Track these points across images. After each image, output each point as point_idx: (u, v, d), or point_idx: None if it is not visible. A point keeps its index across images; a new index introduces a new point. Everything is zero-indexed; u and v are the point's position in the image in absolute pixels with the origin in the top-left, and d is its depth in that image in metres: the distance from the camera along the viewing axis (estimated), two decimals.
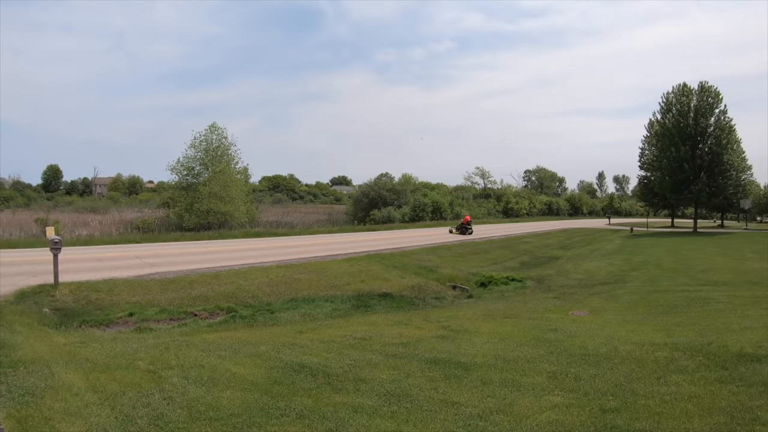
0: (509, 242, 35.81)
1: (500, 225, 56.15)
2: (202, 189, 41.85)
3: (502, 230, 46.12)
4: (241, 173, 48.93)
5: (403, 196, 61.52)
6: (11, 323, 10.89)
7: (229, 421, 5.92)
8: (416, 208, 57.33)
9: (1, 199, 77.31)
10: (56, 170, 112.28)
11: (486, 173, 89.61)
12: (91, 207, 64.83)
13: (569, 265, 26.24)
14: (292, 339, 10.47)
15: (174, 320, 13.65)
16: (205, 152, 44.02)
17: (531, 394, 6.46)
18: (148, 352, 9.16)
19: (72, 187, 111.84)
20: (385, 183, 65.56)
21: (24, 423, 5.90)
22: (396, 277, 20.25)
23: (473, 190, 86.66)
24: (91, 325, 12.75)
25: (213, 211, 41.24)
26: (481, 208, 74.10)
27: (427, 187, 79.24)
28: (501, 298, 17.82)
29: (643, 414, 5.58)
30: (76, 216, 50.06)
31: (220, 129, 44.93)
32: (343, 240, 33.51)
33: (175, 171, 44.40)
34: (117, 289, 15.58)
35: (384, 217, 54.71)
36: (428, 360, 8.30)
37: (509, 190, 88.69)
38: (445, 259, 25.95)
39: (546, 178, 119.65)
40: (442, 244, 31.63)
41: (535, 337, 9.90)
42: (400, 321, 12.68)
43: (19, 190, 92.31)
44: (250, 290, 16.75)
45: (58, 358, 8.66)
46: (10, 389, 6.95)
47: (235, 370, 7.99)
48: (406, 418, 5.85)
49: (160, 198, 58.26)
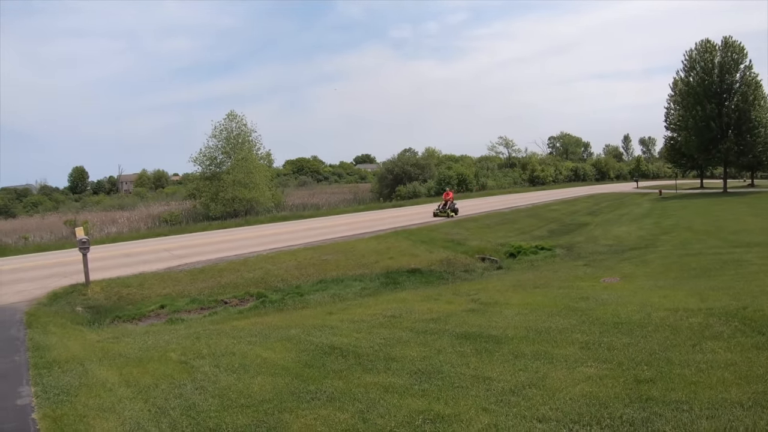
0: (536, 211, 35.36)
1: (526, 194, 55.44)
2: (225, 177, 41.90)
3: (529, 199, 45.59)
4: (264, 158, 48.90)
5: (428, 171, 60.90)
6: (45, 325, 11.14)
7: (261, 407, 5.98)
8: (441, 181, 56.63)
9: (30, 205, 78.49)
10: (82, 171, 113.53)
11: (510, 142, 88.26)
12: (118, 204, 65.38)
13: (598, 231, 25.91)
14: (321, 321, 10.52)
15: (205, 309, 13.85)
16: (226, 141, 43.95)
17: (564, 366, 6.39)
18: (179, 343, 9.32)
19: (98, 186, 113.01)
20: (408, 158, 64.85)
21: (59, 422, 6.03)
22: (424, 252, 20.20)
23: (498, 160, 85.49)
24: (123, 320, 12.99)
25: (238, 199, 41.31)
26: (507, 178, 73.25)
27: (452, 159, 78.52)
28: (530, 268, 17.66)
29: (679, 384, 5.46)
30: (104, 214, 50.66)
31: (239, 117, 44.78)
32: (370, 218, 33.47)
33: (198, 162, 44.49)
34: (147, 282, 15.81)
35: (410, 192, 54.35)
36: (459, 335, 8.26)
37: (534, 158, 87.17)
38: (472, 231, 25.77)
39: (571, 144, 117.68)
40: (468, 216, 31.39)
41: (566, 306, 9.76)
42: (429, 296, 12.65)
43: (46, 194, 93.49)
44: (278, 274, 16.86)
45: (92, 355, 8.84)
46: (46, 389, 7.12)
47: (265, 355, 8.07)
48: (437, 395, 5.83)
49: (186, 190, 58.52)
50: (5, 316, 12.18)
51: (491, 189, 61.78)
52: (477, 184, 61.36)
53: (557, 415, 5.03)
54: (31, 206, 77.52)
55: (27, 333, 10.50)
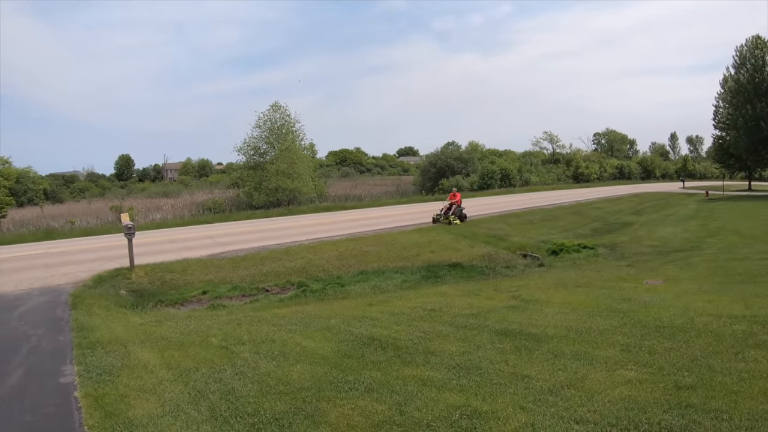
0: (580, 208, 34.76)
1: (570, 191, 54.52)
2: (269, 167, 42.42)
3: (572, 196, 44.80)
4: (308, 149, 49.38)
5: (471, 165, 60.55)
6: (90, 306, 11.42)
7: (299, 395, 6.01)
8: (484, 175, 56.39)
9: (77, 191, 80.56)
10: (128, 159, 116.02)
11: (554, 137, 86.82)
12: (163, 192, 66.73)
13: (642, 231, 25.32)
14: (362, 312, 10.53)
15: (246, 296, 14.00)
16: (270, 131, 44.48)
17: (603, 368, 6.28)
18: (220, 329, 9.45)
19: (144, 174, 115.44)
20: (452, 152, 64.52)
21: (101, 401, 6.17)
22: (466, 247, 20.05)
23: (542, 155, 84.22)
24: (166, 304, 13.24)
25: (281, 188, 41.78)
26: (551, 174, 72.31)
27: (495, 154, 77.84)
28: (572, 267, 17.36)
29: (720, 392, 5.31)
30: (149, 201, 51.82)
31: (283, 107, 45.35)
32: (412, 210, 33.42)
33: (242, 152, 45.27)
34: (190, 268, 16.09)
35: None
36: (498, 331, 8.18)
37: (578, 154, 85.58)
38: (514, 226, 25.51)
39: (616, 141, 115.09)
40: (511, 211, 31.07)
41: (608, 307, 9.59)
42: (470, 291, 12.54)
43: (93, 180, 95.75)
44: (320, 264, 16.95)
45: (134, 337, 9.03)
46: (88, 369, 7.30)
47: (305, 344, 8.12)
48: (475, 391, 5.79)
49: (230, 179, 59.54)
50: (51, 297, 12.54)
51: (534, 185, 61.06)
52: (520, 180, 60.72)
53: (595, 417, 4.97)
54: (78, 192, 79.60)
55: (72, 314, 10.79)
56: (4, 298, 12.62)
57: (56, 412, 6.07)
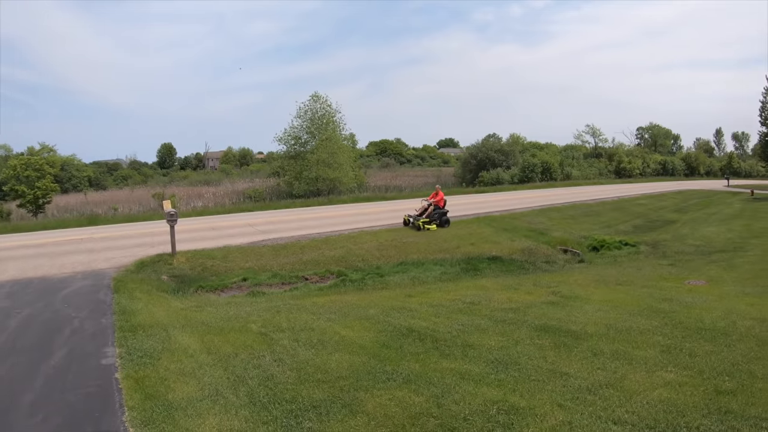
0: (622, 204, 33.94)
1: (612, 186, 53.12)
2: (310, 157, 42.65)
3: (615, 191, 43.67)
4: (348, 139, 49.52)
5: (512, 157, 59.64)
6: (132, 291, 11.67)
7: (337, 383, 6.07)
8: (525, 168, 55.48)
9: (120, 178, 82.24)
10: (170, 148, 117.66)
11: (597, 131, 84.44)
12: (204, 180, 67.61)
13: (685, 229, 24.60)
14: (401, 303, 10.55)
15: (285, 284, 14.12)
16: (311, 121, 44.71)
17: (643, 368, 6.23)
18: (260, 315, 9.57)
19: (185, 162, 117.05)
20: (492, 144, 63.64)
21: (141, 383, 6.30)
22: (506, 240, 19.86)
23: (583, 149, 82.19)
24: (206, 290, 13.45)
25: (322, 178, 41.97)
26: (592, 168, 70.66)
27: (536, 147, 76.66)
28: (613, 264, 17.02)
29: (761, 399, 5.22)
30: (191, 189, 52.60)
31: (323, 98, 45.51)
32: (453, 202, 32.99)
33: (282, 141, 45.61)
34: (231, 255, 16.29)
35: (493, 178, 53.42)
36: (537, 327, 8.15)
37: (621, 148, 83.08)
38: (555, 221, 25.10)
39: (660, 136, 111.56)
40: (551, 205, 30.51)
41: (648, 306, 9.44)
42: (509, 285, 12.45)
43: (135, 168, 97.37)
44: (359, 254, 16.99)
45: (175, 322, 9.19)
46: (129, 351, 7.47)
47: (344, 333, 8.17)
48: (513, 387, 5.79)
49: (270, 168, 59.87)
50: (94, 281, 12.86)
51: (576, 179, 59.76)
52: (561, 174, 59.68)
53: (633, 418, 4.95)
54: (121, 179, 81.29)
55: (114, 297, 11.05)
56: (48, 281, 12.98)
57: (97, 392, 6.23)
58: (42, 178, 35.87)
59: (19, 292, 11.97)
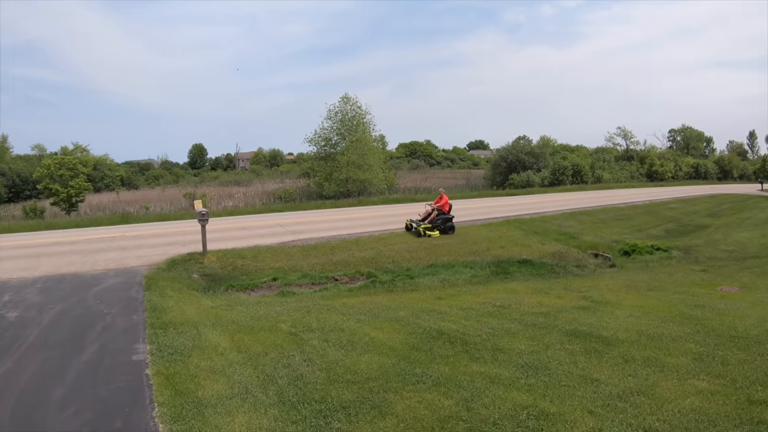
0: (654, 208, 33.42)
1: (644, 189, 52.26)
2: (340, 158, 42.99)
3: (646, 195, 42.96)
4: (378, 141, 49.78)
5: (542, 160, 59.20)
6: (163, 288, 11.79)
7: (366, 384, 6.06)
8: (556, 171, 55.03)
9: (152, 178, 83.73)
10: (201, 148, 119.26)
11: (628, 133, 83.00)
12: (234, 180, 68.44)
13: (718, 234, 24.11)
14: (430, 305, 10.52)
15: (315, 285, 14.14)
16: (341, 123, 45.14)
17: (674, 376, 6.15)
18: (290, 315, 9.60)
19: (216, 163, 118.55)
20: (523, 146, 63.20)
21: (171, 379, 6.35)
22: (536, 243, 19.67)
23: (615, 151, 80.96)
24: (236, 289, 13.52)
25: (352, 179, 42.23)
26: (624, 171, 69.71)
27: (567, 149, 76.17)
28: (645, 269, 16.77)
29: None
30: (221, 189, 53.26)
31: (353, 99, 45.93)
32: (482, 205, 33.05)
33: (313, 142, 46.18)
34: (261, 255, 16.38)
35: (523, 181, 53.08)
36: (568, 332, 8.08)
37: (653, 151, 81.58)
38: (586, 225, 24.82)
39: (692, 138, 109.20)
40: (582, 209, 30.17)
41: (680, 313, 9.31)
42: (539, 289, 12.36)
43: (167, 168, 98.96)
44: (389, 255, 16.96)
45: (206, 320, 9.26)
46: (160, 348, 7.54)
47: (373, 334, 8.16)
48: (543, 392, 5.75)
49: (300, 169, 60.41)
50: (126, 278, 13.04)
51: (607, 182, 59.09)
52: (592, 177, 59.00)
53: (664, 427, 4.89)
54: (152, 179, 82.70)
55: (145, 295, 11.18)
56: (81, 278, 13.19)
57: (128, 387, 6.29)
58: (75, 177, 36.63)
59: (52, 287, 12.18)
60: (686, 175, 78.71)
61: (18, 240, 20.90)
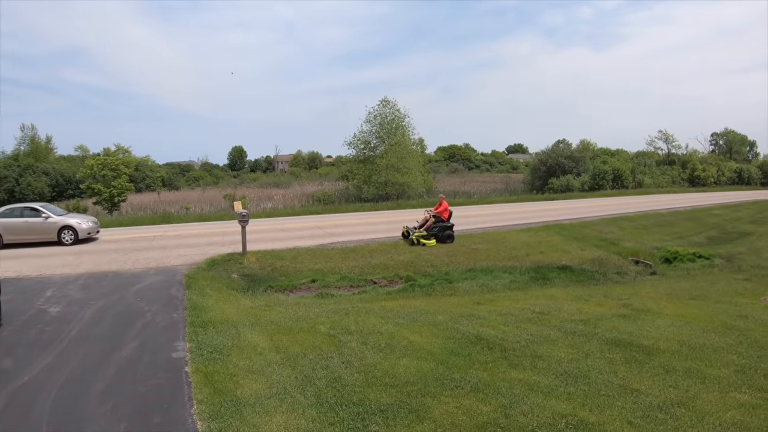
0: (696, 214, 32.61)
1: (685, 194, 51.02)
2: (379, 161, 43.08)
3: (688, 200, 41.91)
4: (417, 144, 49.77)
5: (582, 164, 58.29)
6: (203, 288, 11.93)
7: (404, 388, 6.04)
8: (596, 176, 54.16)
9: (192, 179, 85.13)
10: (241, 151, 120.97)
11: (670, 137, 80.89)
12: (274, 182, 69.23)
13: (762, 242, 23.37)
14: (469, 310, 10.43)
15: (354, 287, 14.16)
16: (380, 126, 45.29)
17: (716, 388, 6.03)
18: (328, 317, 9.63)
19: (256, 165, 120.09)
20: (562, 150, 62.34)
21: (210, 378, 6.41)
22: (576, 249, 19.39)
23: (656, 156, 79.14)
24: (275, 290, 13.62)
25: (390, 182, 42.26)
26: (665, 176, 68.14)
27: (607, 153, 74.84)
28: (686, 277, 16.41)
29: None
30: (261, 191, 53.92)
31: (392, 102, 45.99)
32: (521, 209, 32.78)
33: (352, 145, 46.43)
34: (300, 257, 16.48)
35: (562, 185, 52.42)
36: (608, 340, 7.96)
37: (695, 155, 79.77)
38: (626, 231, 24.35)
39: (735, 142, 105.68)
40: (623, 214, 29.61)
41: (722, 323, 9.12)
42: (579, 296, 12.18)
43: (207, 170, 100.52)
44: (428, 259, 16.89)
45: (245, 319, 9.35)
46: (200, 346, 7.63)
47: (412, 338, 8.13)
48: (582, 401, 5.68)
49: (339, 171, 60.80)
50: (166, 277, 13.25)
51: (648, 187, 57.90)
52: (633, 181, 57.90)
53: None
54: (193, 180, 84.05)
55: (185, 293, 11.36)
56: (122, 276, 13.46)
57: (166, 384, 6.38)
58: (118, 178, 37.43)
59: (93, 284, 12.45)
60: (729, 180, 76.71)
61: None
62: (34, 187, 57.93)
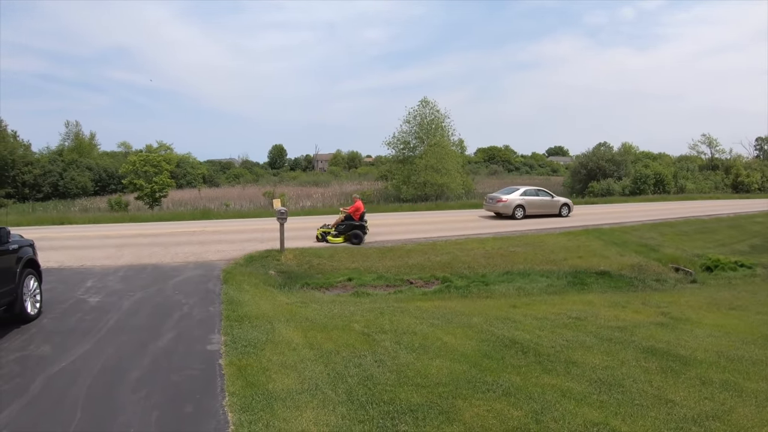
0: (739, 221, 31.61)
1: (729, 201, 49.41)
2: (418, 162, 43.15)
3: (731, 207, 40.61)
4: (456, 145, 49.68)
5: (623, 167, 57.21)
6: (240, 283, 12.10)
7: (436, 389, 6.04)
8: (637, 180, 53.05)
9: (232, 176, 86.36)
10: (281, 149, 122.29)
11: (713, 141, 78.56)
12: (313, 181, 69.83)
13: None
14: (505, 313, 10.40)
15: (390, 287, 14.20)
16: (419, 126, 45.39)
17: (753, 402, 5.90)
18: (363, 316, 9.69)
19: (295, 163, 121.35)
20: (603, 153, 61.31)
21: (244, 371, 6.50)
22: (615, 255, 19.08)
23: (699, 160, 77.18)
24: (311, 287, 13.74)
25: (429, 183, 42.30)
26: (708, 181, 66.30)
27: (649, 157, 73.64)
28: (727, 286, 16.00)
29: None
30: (300, 189, 54.40)
31: (432, 103, 46.07)
32: None
33: (391, 146, 46.65)
34: (337, 255, 16.58)
35: (603, 189, 51.50)
36: (644, 349, 7.86)
37: (739, 161, 77.53)
38: (667, 237, 23.84)
39: None
40: (664, 220, 28.97)
41: (763, 335, 8.94)
42: (617, 302, 12.05)
43: (247, 168, 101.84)
44: (465, 261, 16.83)
45: (280, 315, 9.45)
46: (234, 340, 7.74)
47: (446, 339, 8.13)
48: (615, 410, 5.61)
49: (378, 171, 60.98)
50: (204, 271, 13.45)
51: (690, 192, 56.46)
52: (675, 186, 56.63)
53: None
54: (233, 177, 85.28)
55: (222, 288, 11.51)
56: (161, 269, 13.72)
57: (200, 375, 6.50)
58: (159, 174, 38.29)
59: (133, 276, 12.72)
60: None
61: (102, 231, 22.03)
62: (78, 182, 59.77)
